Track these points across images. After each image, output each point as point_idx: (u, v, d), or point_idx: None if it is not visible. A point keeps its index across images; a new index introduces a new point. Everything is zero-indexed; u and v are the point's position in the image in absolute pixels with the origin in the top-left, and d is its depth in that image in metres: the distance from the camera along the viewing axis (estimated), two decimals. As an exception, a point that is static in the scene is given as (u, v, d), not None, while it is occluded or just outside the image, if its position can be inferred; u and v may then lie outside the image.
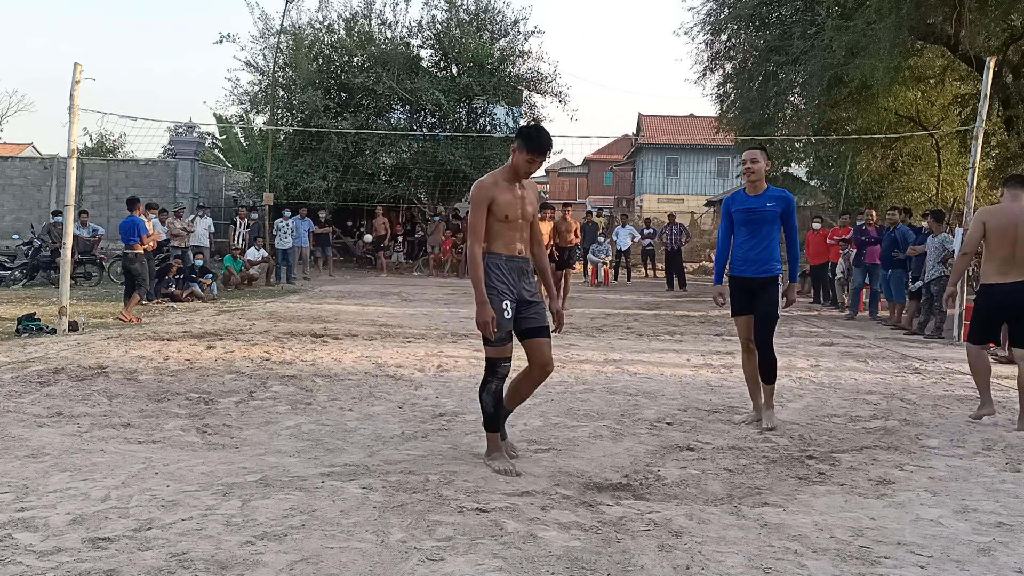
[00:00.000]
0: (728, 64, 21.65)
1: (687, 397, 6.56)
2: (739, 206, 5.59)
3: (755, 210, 5.50)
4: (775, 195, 5.54)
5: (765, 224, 5.48)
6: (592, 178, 58.37)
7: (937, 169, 20.98)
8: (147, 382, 6.65)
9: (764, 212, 5.47)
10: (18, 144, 44.98)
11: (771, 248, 5.50)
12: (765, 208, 5.48)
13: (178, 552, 3.15)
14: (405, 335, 9.85)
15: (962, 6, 15.15)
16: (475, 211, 4.32)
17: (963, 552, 3.39)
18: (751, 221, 5.51)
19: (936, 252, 11.07)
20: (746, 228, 5.54)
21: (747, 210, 5.53)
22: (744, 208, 5.56)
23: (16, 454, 4.56)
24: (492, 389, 4.43)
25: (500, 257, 4.37)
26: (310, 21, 24.38)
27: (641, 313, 13.40)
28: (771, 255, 5.50)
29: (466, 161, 22.59)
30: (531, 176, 4.50)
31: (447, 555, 3.20)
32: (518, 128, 4.13)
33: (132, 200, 12.10)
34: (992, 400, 6.01)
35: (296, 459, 4.58)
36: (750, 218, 5.51)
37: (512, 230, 4.38)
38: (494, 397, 4.44)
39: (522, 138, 4.40)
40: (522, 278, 4.44)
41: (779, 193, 5.56)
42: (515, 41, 24.51)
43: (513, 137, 4.50)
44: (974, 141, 11.17)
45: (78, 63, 9.69)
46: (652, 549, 3.31)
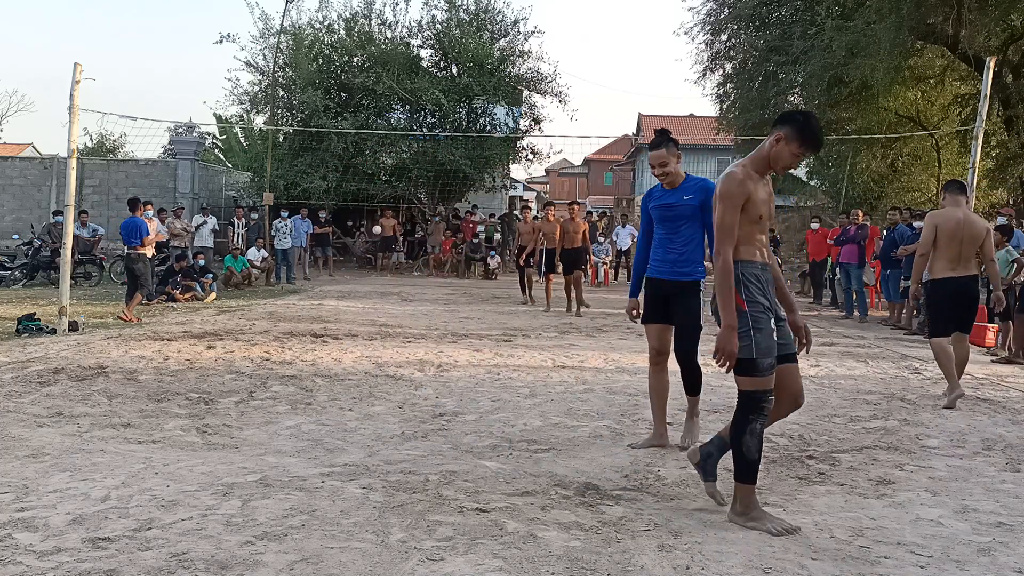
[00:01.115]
0: (728, 64, 21.68)
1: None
2: (655, 202, 5.00)
3: (671, 206, 4.89)
4: (692, 186, 4.87)
5: (683, 221, 4.87)
6: (592, 178, 58.37)
7: (937, 169, 20.99)
8: (147, 382, 6.65)
9: (681, 207, 4.85)
10: (18, 144, 44.98)
11: (692, 249, 4.89)
12: (682, 203, 4.85)
13: (178, 552, 3.15)
14: (405, 335, 9.85)
15: (962, 6, 15.16)
16: (729, 210, 3.58)
17: (963, 552, 3.39)
18: (667, 219, 4.92)
19: None
20: (663, 226, 4.95)
21: (663, 206, 4.93)
22: (660, 204, 4.96)
23: (16, 454, 4.56)
24: (757, 430, 3.59)
25: (755, 265, 3.66)
26: (310, 21, 24.39)
27: (641, 313, 13.38)
28: (692, 256, 4.89)
29: (466, 161, 22.59)
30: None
31: (447, 555, 3.20)
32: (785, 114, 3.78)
33: (133, 201, 12.10)
34: (959, 384, 6.56)
35: (296, 459, 4.58)
36: (666, 215, 4.92)
37: (762, 232, 3.73)
38: (759, 440, 3.61)
39: (794, 126, 3.60)
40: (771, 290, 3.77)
41: (697, 183, 4.89)
42: (515, 41, 24.52)
43: (776, 122, 3.73)
44: (974, 141, 11.18)
45: (78, 63, 9.69)
46: (652, 549, 3.31)
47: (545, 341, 9.64)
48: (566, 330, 10.77)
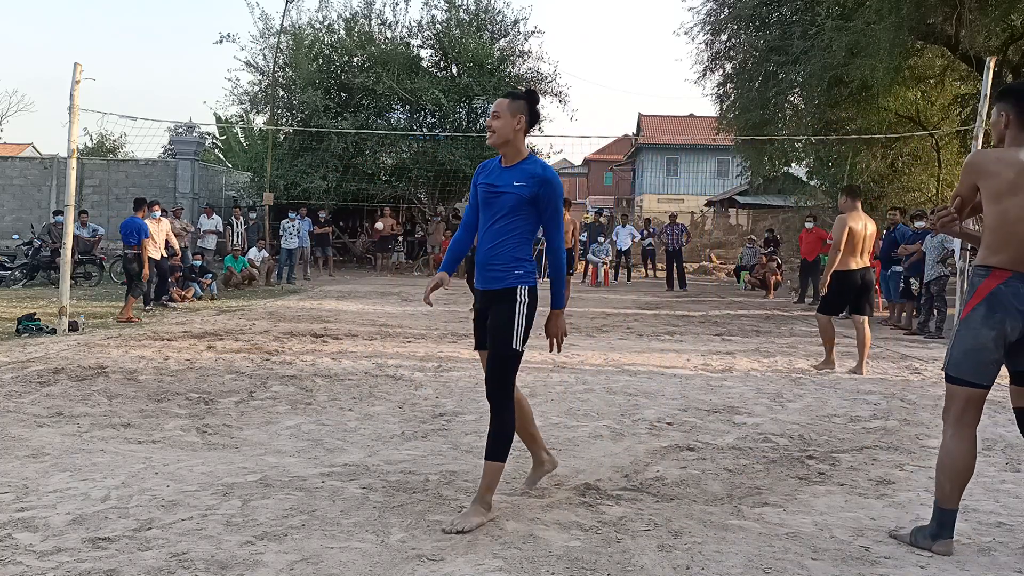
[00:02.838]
0: (728, 64, 21.66)
1: (687, 397, 6.55)
2: (483, 179, 3.85)
3: (496, 188, 3.74)
4: (528, 171, 3.70)
5: (505, 211, 3.71)
6: (592, 178, 58.39)
7: (937, 169, 20.98)
8: (147, 382, 6.64)
9: (505, 194, 3.71)
10: (18, 144, 45.01)
11: (512, 247, 3.72)
12: (510, 188, 3.70)
13: (178, 552, 3.15)
14: (405, 335, 9.85)
15: (962, 6, 15.15)
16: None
17: (963, 552, 3.39)
18: (488, 203, 3.78)
19: (935, 251, 11.07)
20: (486, 213, 3.80)
21: (487, 186, 3.79)
22: (485, 183, 3.81)
23: (16, 454, 4.56)
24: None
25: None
26: (310, 21, 24.40)
27: (641, 313, 13.40)
28: (510, 256, 3.72)
29: (466, 161, 22.58)
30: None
31: (447, 555, 3.20)
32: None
33: (139, 201, 12.16)
34: (834, 360, 8.05)
35: (296, 459, 4.58)
36: (488, 199, 3.78)
37: None
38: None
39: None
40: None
41: (534, 169, 3.71)
42: (515, 41, 24.54)
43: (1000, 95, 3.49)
44: (974, 141, 11.17)
45: (78, 63, 9.69)
46: (652, 549, 3.31)
47: (545, 341, 9.62)
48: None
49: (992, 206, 3.28)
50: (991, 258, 3.31)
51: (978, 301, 3.32)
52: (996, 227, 3.28)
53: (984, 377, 3.35)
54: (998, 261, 3.29)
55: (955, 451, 3.36)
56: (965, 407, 3.37)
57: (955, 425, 3.38)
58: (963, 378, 3.35)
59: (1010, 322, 3.26)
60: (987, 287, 3.30)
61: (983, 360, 3.32)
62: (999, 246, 3.28)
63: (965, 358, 3.35)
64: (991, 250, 3.31)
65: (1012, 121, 3.36)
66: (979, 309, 3.31)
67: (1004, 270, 3.27)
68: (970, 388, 3.35)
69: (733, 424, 5.66)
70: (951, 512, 3.37)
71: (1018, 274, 3.26)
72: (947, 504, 3.36)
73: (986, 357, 3.32)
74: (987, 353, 3.31)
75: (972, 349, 3.33)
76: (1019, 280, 3.25)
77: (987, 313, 3.29)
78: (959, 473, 3.35)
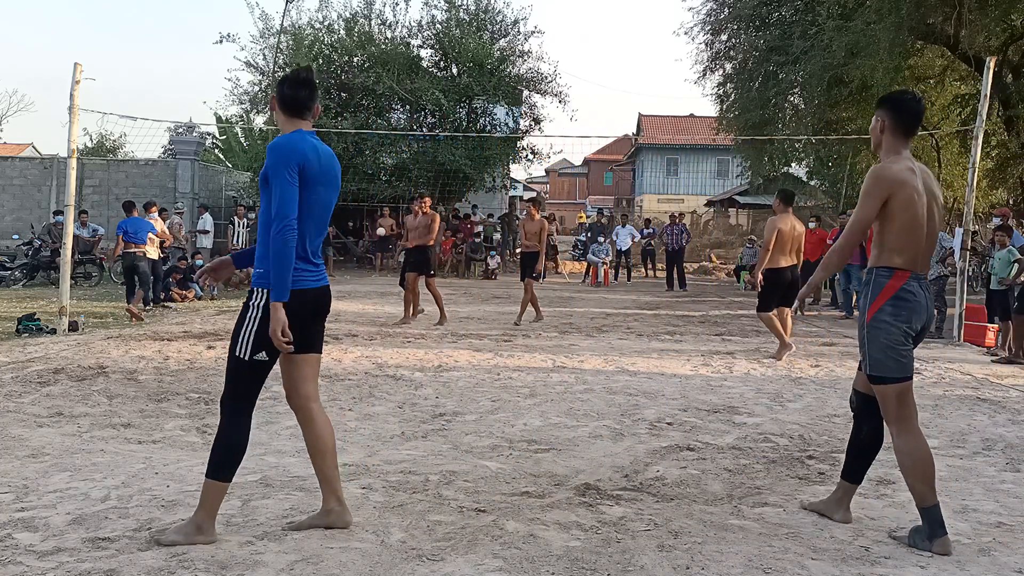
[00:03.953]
0: (728, 64, 21.67)
1: (687, 397, 6.55)
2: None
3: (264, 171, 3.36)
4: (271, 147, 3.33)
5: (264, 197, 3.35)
6: (592, 178, 58.40)
7: (937, 169, 20.94)
8: (147, 382, 6.64)
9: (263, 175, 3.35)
10: (18, 144, 44.98)
11: (262, 239, 3.34)
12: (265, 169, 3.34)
13: (178, 552, 3.15)
14: (405, 335, 9.85)
15: (962, 6, 15.15)
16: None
17: (963, 552, 3.39)
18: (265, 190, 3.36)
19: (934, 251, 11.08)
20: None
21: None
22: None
23: (16, 454, 4.56)
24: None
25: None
26: (310, 21, 24.36)
27: (641, 313, 13.40)
28: (260, 252, 3.35)
29: (466, 161, 22.57)
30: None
31: (447, 555, 3.20)
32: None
33: (129, 204, 12.32)
34: (788, 342, 8.66)
35: (296, 459, 4.58)
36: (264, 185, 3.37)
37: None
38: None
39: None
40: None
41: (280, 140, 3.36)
42: (515, 41, 24.49)
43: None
44: (974, 141, 11.18)
45: (78, 63, 9.69)
46: (652, 549, 3.31)
47: (545, 341, 9.64)
48: (566, 330, 10.77)
49: (902, 213, 3.49)
50: (894, 259, 3.52)
51: (884, 301, 3.51)
52: (902, 232, 3.50)
53: (906, 369, 3.53)
54: (900, 263, 3.52)
55: (909, 448, 3.51)
56: (899, 402, 3.53)
57: (897, 423, 3.54)
58: (888, 376, 3.52)
59: (915, 318, 3.52)
60: (892, 287, 3.52)
61: (900, 354, 3.52)
62: (901, 249, 3.51)
63: (885, 356, 3.52)
64: (894, 252, 3.53)
65: (888, 127, 3.63)
66: (886, 308, 3.51)
67: (905, 271, 3.51)
68: (899, 383, 3.52)
69: (733, 424, 5.66)
70: (934, 508, 3.44)
71: (915, 274, 3.54)
72: (927, 502, 3.45)
73: (902, 351, 3.52)
74: (902, 347, 3.52)
75: (888, 346, 3.51)
76: (915, 279, 3.54)
77: (894, 311, 3.50)
78: (923, 468, 3.48)
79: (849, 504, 3.77)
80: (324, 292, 3.47)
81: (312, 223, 3.38)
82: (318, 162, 3.36)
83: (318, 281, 3.42)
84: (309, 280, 3.37)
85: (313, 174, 3.33)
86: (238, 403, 3.34)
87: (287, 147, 3.31)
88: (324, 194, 3.41)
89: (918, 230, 3.52)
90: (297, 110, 3.44)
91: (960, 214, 13.64)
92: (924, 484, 3.46)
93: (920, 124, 3.70)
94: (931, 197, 3.58)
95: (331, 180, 3.45)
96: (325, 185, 3.41)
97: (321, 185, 3.38)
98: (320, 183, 3.37)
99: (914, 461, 3.47)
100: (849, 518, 3.71)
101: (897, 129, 3.61)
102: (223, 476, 3.28)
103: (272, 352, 3.29)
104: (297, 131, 3.41)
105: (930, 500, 3.44)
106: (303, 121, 3.46)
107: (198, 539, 3.23)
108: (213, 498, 3.27)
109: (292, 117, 3.45)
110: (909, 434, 3.51)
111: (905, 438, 3.51)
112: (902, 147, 3.62)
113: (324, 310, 3.53)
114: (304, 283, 3.34)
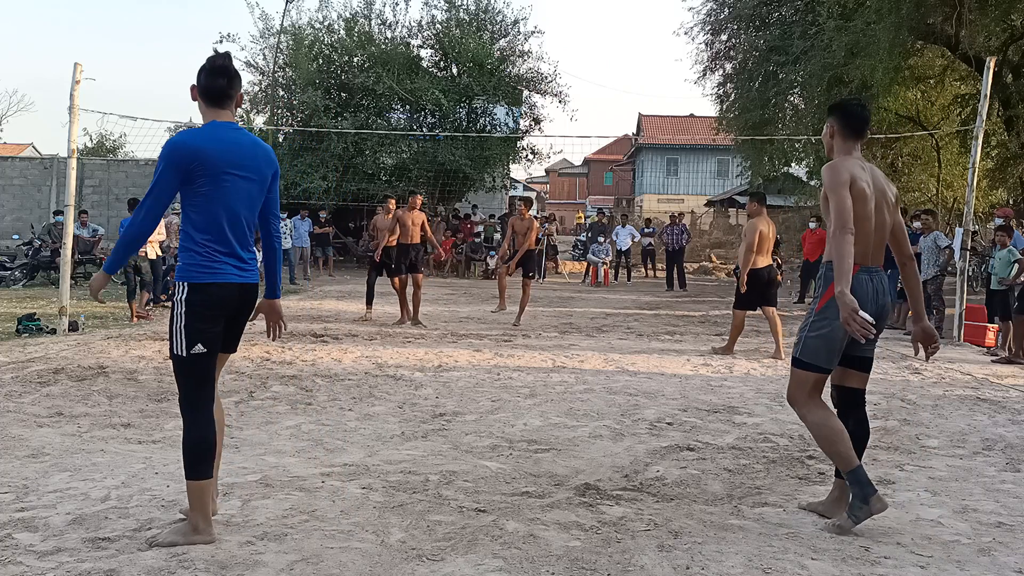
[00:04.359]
0: (728, 64, 21.68)
1: (687, 397, 6.55)
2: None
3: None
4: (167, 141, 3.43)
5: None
6: (592, 178, 58.39)
7: (937, 169, 20.99)
8: (147, 382, 6.64)
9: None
10: (18, 144, 44.97)
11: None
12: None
13: (178, 552, 3.15)
14: (405, 335, 9.85)
15: (962, 6, 15.15)
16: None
17: (963, 552, 3.39)
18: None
19: (929, 251, 11.11)
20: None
21: None
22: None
23: (16, 454, 4.56)
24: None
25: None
26: (310, 21, 24.37)
27: (641, 313, 13.40)
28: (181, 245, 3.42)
29: (466, 161, 22.57)
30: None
31: (447, 555, 3.20)
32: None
33: (134, 201, 12.21)
34: (732, 345, 9.05)
35: (296, 459, 4.58)
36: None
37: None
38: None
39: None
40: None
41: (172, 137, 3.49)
42: (515, 41, 24.50)
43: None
44: (974, 141, 11.18)
45: (78, 63, 9.69)
46: (652, 549, 3.31)
47: (545, 341, 9.64)
48: (566, 330, 10.77)
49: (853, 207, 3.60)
50: None
51: (831, 295, 3.57)
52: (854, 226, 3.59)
53: (832, 363, 3.69)
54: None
55: (820, 420, 3.65)
56: (813, 389, 3.69)
57: (807, 404, 3.69)
58: (816, 364, 3.66)
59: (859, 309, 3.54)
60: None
61: (835, 348, 3.65)
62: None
63: (821, 346, 3.65)
64: None
65: (837, 132, 3.80)
66: (834, 301, 3.54)
67: (854, 264, 3.57)
68: (819, 373, 3.68)
69: (733, 424, 5.66)
70: (858, 469, 3.57)
71: (864, 267, 3.65)
72: (850, 465, 3.58)
73: (837, 346, 3.64)
74: (838, 342, 3.63)
75: (827, 338, 3.63)
76: (864, 272, 3.65)
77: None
78: (837, 435, 3.60)
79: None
80: (247, 289, 3.38)
81: (225, 215, 3.29)
82: (220, 153, 3.26)
83: (241, 277, 3.34)
84: (230, 274, 3.31)
85: (214, 166, 3.24)
86: (192, 402, 3.34)
87: (171, 145, 3.27)
88: (237, 185, 3.30)
89: (866, 224, 3.62)
90: (215, 99, 3.36)
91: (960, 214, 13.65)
92: (844, 448, 3.58)
93: (867, 128, 3.85)
94: (880, 194, 3.72)
95: (248, 170, 3.34)
96: (237, 175, 3.30)
97: (230, 175, 3.28)
98: (227, 173, 3.27)
99: (829, 432, 3.60)
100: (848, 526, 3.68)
101: (846, 133, 3.78)
102: (198, 475, 3.27)
103: (209, 343, 3.28)
104: (209, 123, 3.35)
105: (853, 463, 3.57)
106: (222, 111, 3.39)
107: (196, 539, 3.22)
108: (198, 497, 3.27)
109: (211, 107, 3.38)
110: (819, 408, 3.67)
111: (816, 411, 3.66)
112: (852, 150, 3.77)
113: (247, 307, 3.46)
114: (224, 276, 3.29)
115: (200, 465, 3.28)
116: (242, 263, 3.34)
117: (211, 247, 3.27)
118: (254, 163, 3.37)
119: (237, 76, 3.43)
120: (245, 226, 3.37)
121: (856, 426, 3.78)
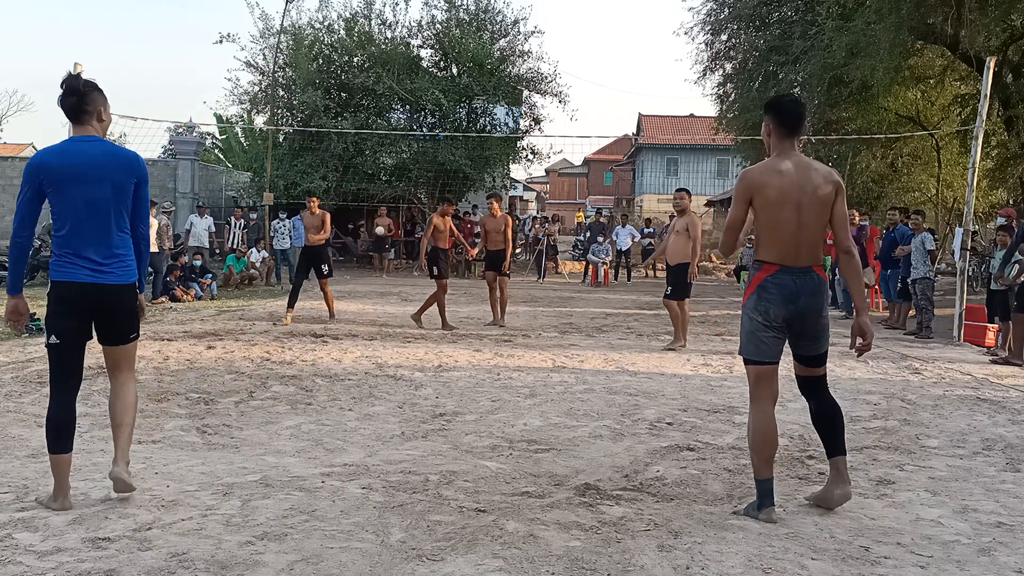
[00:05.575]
0: (728, 64, 21.70)
1: (687, 397, 6.55)
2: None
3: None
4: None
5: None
6: (592, 178, 58.39)
7: (937, 169, 20.98)
8: (147, 382, 6.64)
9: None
10: (18, 144, 44.96)
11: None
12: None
13: (178, 552, 3.15)
14: (405, 335, 9.85)
15: (962, 6, 15.15)
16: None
17: (963, 552, 3.39)
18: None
19: (919, 251, 11.14)
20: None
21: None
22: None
23: (16, 454, 4.56)
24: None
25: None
26: (310, 21, 24.34)
27: (641, 313, 13.40)
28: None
29: (466, 161, 22.55)
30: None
31: (447, 555, 3.20)
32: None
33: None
34: (684, 338, 9.39)
35: (296, 459, 4.58)
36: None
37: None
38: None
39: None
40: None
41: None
42: (515, 41, 24.47)
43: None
44: (974, 141, 11.18)
45: (78, 63, 9.70)
46: (652, 549, 3.31)
47: (545, 341, 9.64)
48: (566, 330, 10.77)
49: (763, 212, 3.75)
50: (764, 255, 3.80)
51: (751, 291, 3.81)
52: (768, 229, 3.75)
53: (763, 354, 3.80)
54: (768, 257, 3.78)
55: (755, 424, 3.77)
56: (755, 382, 3.83)
57: (752, 400, 3.84)
58: (749, 358, 3.85)
59: (773, 308, 3.74)
60: (758, 279, 3.80)
61: (758, 340, 3.79)
62: (770, 245, 3.77)
63: (747, 340, 3.85)
64: (764, 248, 3.80)
65: (773, 130, 3.87)
66: (752, 298, 3.80)
67: (773, 264, 3.75)
68: (756, 366, 3.82)
69: (733, 424, 5.66)
70: (767, 481, 3.73)
71: (785, 267, 3.75)
72: (761, 475, 3.73)
73: (760, 337, 3.78)
74: (759, 334, 3.78)
75: (749, 331, 3.83)
76: (785, 272, 3.74)
77: (757, 301, 3.79)
78: (764, 444, 3.74)
79: (847, 477, 3.92)
80: (100, 288, 3.63)
81: (71, 221, 3.57)
82: (63, 165, 3.54)
83: (92, 277, 3.60)
84: (80, 274, 3.60)
85: (59, 178, 3.54)
86: (51, 386, 3.74)
87: (27, 167, 3.60)
88: (82, 191, 3.55)
89: (782, 227, 3.72)
90: (71, 116, 3.68)
91: (960, 214, 13.66)
92: (761, 458, 3.73)
93: (801, 124, 3.89)
94: (802, 193, 3.73)
95: (94, 179, 3.57)
96: (80, 183, 3.55)
97: (73, 184, 3.54)
98: (71, 183, 3.54)
99: (757, 435, 3.75)
100: (848, 492, 3.86)
101: (780, 131, 3.84)
102: (52, 449, 3.65)
103: (62, 335, 3.63)
104: (68, 139, 3.66)
105: (764, 474, 3.72)
106: (83, 126, 3.65)
107: (52, 506, 3.58)
108: (54, 469, 3.64)
109: (73, 124, 3.68)
110: (759, 412, 3.79)
111: (755, 414, 3.79)
112: (787, 147, 3.83)
113: (111, 305, 3.68)
114: (73, 276, 3.60)
115: (54, 442, 3.66)
116: (96, 264, 3.62)
117: (64, 250, 3.62)
118: (103, 172, 3.58)
119: (91, 92, 3.65)
120: (98, 230, 3.61)
121: (820, 406, 3.99)
